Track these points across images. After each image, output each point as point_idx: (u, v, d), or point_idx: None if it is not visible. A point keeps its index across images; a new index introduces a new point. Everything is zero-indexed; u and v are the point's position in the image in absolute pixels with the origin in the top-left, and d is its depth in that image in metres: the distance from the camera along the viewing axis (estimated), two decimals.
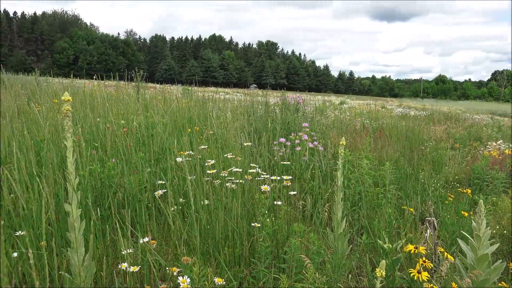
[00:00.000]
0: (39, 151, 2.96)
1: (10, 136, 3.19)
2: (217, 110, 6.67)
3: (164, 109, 5.58)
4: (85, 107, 5.02)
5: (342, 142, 2.43)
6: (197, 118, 5.23)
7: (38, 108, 4.81)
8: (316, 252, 2.20)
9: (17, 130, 3.37)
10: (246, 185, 2.74)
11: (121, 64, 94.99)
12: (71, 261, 1.75)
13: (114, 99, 6.40)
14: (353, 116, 10.47)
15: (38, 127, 3.46)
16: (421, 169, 4.65)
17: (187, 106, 6.17)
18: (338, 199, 2.47)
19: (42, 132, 3.26)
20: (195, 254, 2.09)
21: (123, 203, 2.72)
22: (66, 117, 1.69)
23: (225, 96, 12.93)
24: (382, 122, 9.40)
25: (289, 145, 4.31)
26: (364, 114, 11.95)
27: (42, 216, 1.67)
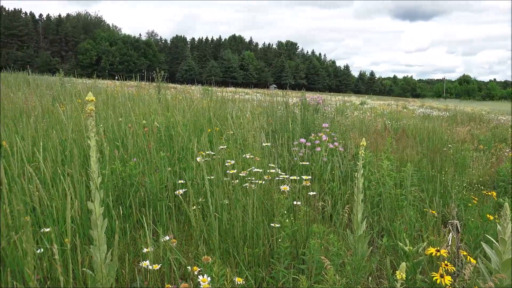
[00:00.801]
0: (63, 150, 3.02)
1: (35, 135, 3.27)
2: (236, 110, 6.69)
3: (185, 109, 5.63)
4: (107, 107, 5.11)
5: (362, 142, 2.41)
6: (217, 118, 5.25)
7: (63, 108, 4.92)
8: (336, 253, 2.18)
9: (41, 129, 3.46)
10: (265, 185, 2.74)
11: (143, 65, 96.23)
12: (94, 258, 1.78)
13: (135, 99, 6.50)
14: (374, 117, 10.35)
15: (62, 126, 3.54)
16: (443, 171, 4.56)
17: (207, 106, 6.21)
18: (358, 200, 2.44)
19: (66, 131, 3.33)
20: (215, 254, 2.10)
21: (144, 202, 2.76)
22: (90, 116, 1.71)
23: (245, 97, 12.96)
24: (403, 123, 9.27)
25: (308, 146, 4.29)
26: (385, 114, 11.80)
27: (66, 213, 1.71)
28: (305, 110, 6.26)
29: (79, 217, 2.20)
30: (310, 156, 4.19)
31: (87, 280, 1.79)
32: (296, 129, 5.19)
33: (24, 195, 2.11)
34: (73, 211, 2.14)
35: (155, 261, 1.92)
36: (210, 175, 2.97)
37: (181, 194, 2.83)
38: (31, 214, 2.11)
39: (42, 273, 1.81)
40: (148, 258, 1.84)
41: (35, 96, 6.00)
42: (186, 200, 2.94)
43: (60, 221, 2.12)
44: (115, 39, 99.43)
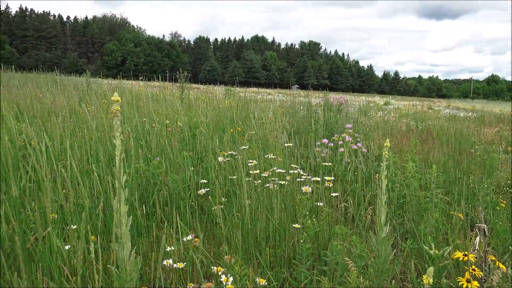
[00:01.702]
0: (89, 149, 3.09)
1: (62, 134, 3.35)
2: (259, 110, 6.70)
3: (207, 109, 5.67)
4: (132, 107, 5.19)
5: (386, 143, 2.37)
6: (239, 118, 5.27)
7: (89, 108, 5.03)
8: (359, 255, 2.16)
9: (68, 129, 3.54)
10: (287, 186, 2.73)
11: (166, 65, 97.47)
12: (118, 256, 1.82)
13: (159, 99, 6.58)
14: (398, 118, 10.19)
15: (89, 126, 3.61)
16: (470, 173, 4.45)
17: (229, 107, 6.24)
18: (382, 202, 2.40)
19: (91, 131, 3.40)
20: (237, 253, 2.11)
21: (167, 201, 2.79)
22: (115, 116, 1.74)
23: (267, 97, 12.97)
24: (428, 124, 9.09)
25: (331, 146, 4.26)
26: (410, 115, 11.60)
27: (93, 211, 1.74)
28: (328, 110, 6.22)
29: (105, 215, 2.25)
30: (332, 157, 4.15)
31: (112, 277, 1.83)
32: (319, 130, 5.15)
33: (52, 193, 2.16)
34: (98, 209, 2.18)
35: (178, 260, 1.94)
36: (233, 175, 2.99)
37: (203, 193, 2.85)
38: (59, 211, 2.16)
39: (69, 269, 1.85)
40: (172, 257, 1.86)
41: (62, 96, 6.15)
42: (209, 199, 2.96)
43: (86, 218, 2.16)
44: (139, 40, 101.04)
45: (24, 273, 1.55)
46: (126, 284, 1.76)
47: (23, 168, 2.37)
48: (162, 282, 1.86)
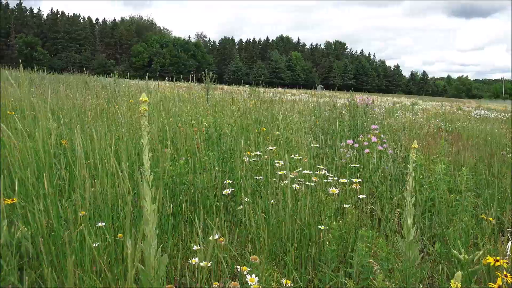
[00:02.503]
0: (117, 148, 3.15)
1: (92, 133, 3.43)
2: (283, 111, 6.69)
3: (232, 109, 5.70)
4: (158, 107, 5.27)
5: (414, 145, 2.33)
6: (264, 119, 5.28)
7: (117, 108, 5.13)
8: (385, 258, 2.13)
9: (96, 128, 3.63)
10: (313, 187, 2.72)
11: (192, 66, 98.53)
12: (145, 253, 1.85)
13: (185, 100, 6.66)
14: (426, 119, 9.99)
15: (118, 125, 3.69)
16: (502, 176, 4.32)
17: (254, 107, 6.25)
18: (409, 204, 2.36)
19: (120, 130, 3.47)
20: (262, 254, 2.11)
21: (193, 200, 2.82)
22: (143, 116, 1.77)
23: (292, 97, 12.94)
24: (458, 125, 8.87)
25: (357, 147, 4.21)
26: (438, 116, 11.35)
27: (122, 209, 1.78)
28: (353, 111, 6.15)
29: (133, 213, 2.29)
30: (358, 158, 4.10)
31: (139, 274, 1.86)
32: (344, 131, 5.11)
33: (82, 191, 2.22)
34: (126, 207, 2.23)
35: (203, 259, 1.96)
36: (258, 175, 2.99)
37: (228, 193, 2.87)
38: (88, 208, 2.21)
39: (98, 265, 1.89)
40: (198, 255, 1.88)
41: (92, 97, 6.31)
42: (234, 199, 2.97)
43: (114, 216, 2.21)
44: (165, 41, 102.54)
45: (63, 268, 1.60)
46: (152, 281, 1.79)
47: (55, 166, 2.45)
48: (188, 280, 1.88)
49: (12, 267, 1.66)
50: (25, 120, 3.39)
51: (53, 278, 1.61)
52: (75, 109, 5.06)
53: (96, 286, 1.73)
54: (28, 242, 1.86)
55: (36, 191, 2.18)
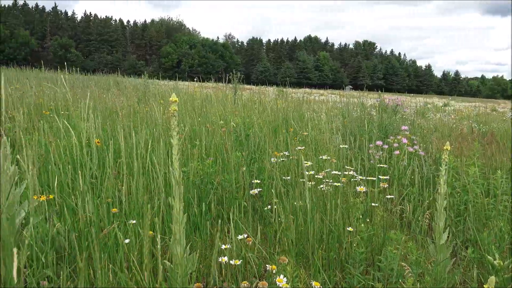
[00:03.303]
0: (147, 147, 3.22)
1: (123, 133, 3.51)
2: (311, 111, 6.65)
3: (260, 110, 5.71)
4: (187, 107, 5.34)
5: (446, 147, 2.27)
6: (292, 119, 5.27)
7: (146, 108, 5.23)
8: (415, 262, 2.09)
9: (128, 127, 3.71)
10: (341, 188, 2.70)
11: (220, 67, 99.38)
12: (174, 251, 1.88)
13: (213, 100, 6.72)
14: (458, 120, 9.72)
15: (148, 125, 3.77)
16: None
17: (281, 107, 6.25)
18: (441, 207, 2.31)
19: (151, 130, 3.54)
20: (289, 254, 2.11)
21: (220, 200, 2.85)
22: (173, 116, 1.80)
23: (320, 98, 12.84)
24: (492, 126, 8.58)
25: (386, 149, 4.14)
26: (471, 117, 11.02)
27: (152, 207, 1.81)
28: (382, 111, 6.05)
29: (162, 212, 2.33)
30: (387, 159, 4.04)
31: (168, 272, 1.89)
32: (373, 131, 5.03)
33: (114, 188, 2.28)
34: (156, 206, 2.27)
35: (231, 258, 1.97)
36: (286, 175, 2.99)
37: (256, 193, 2.88)
38: (119, 206, 2.27)
39: (127, 262, 1.94)
40: (226, 254, 1.89)
41: (123, 97, 6.46)
42: (261, 199, 2.98)
43: (145, 214, 2.26)
44: (194, 42, 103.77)
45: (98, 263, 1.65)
46: (180, 279, 1.82)
47: (87, 164, 2.52)
48: (217, 279, 1.90)
49: (49, 261, 1.72)
50: (60, 120, 3.50)
51: (87, 273, 1.66)
52: (107, 109, 5.19)
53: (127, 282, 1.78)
54: (63, 237, 1.92)
55: (71, 188, 2.25)
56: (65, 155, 2.63)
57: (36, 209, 1.90)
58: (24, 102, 5.18)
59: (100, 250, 1.86)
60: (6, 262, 1.61)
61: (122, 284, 1.74)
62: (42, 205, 1.99)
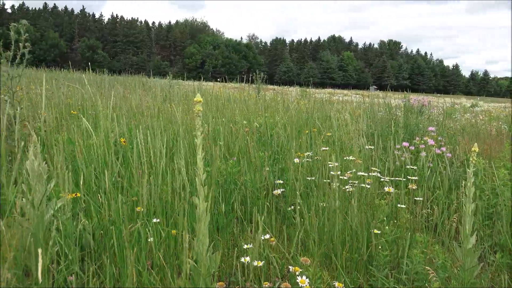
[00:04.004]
0: (172, 147, 3.26)
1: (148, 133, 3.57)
2: (335, 111, 6.59)
3: (283, 110, 5.70)
4: (211, 107, 5.38)
5: (474, 148, 2.21)
6: (315, 119, 5.23)
7: (171, 108, 5.29)
8: (441, 266, 2.04)
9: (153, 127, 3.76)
10: (365, 189, 2.66)
11: (243, 67, 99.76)
12: (197, 250, 1.89)
13: (236, 100, 6.75)
14: (487, 121, 9.45)
15: (173, 125, 3.81)
16: None
17: (304, 108, 6.22)
18: (468, 211, 2.25)
19: (175, 129, 3.58)
20: (312, 255, 2.10)
21: (243, 200, 2.85)
22: (197, 116, 1.81)
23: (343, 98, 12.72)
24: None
25: (412, 150, 4.07)
26: (501, 118, 10.70)
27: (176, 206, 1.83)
28: (408, 112, 5.94)
29: (185, 211, 2.35)
30: (413, 161, 3.96)
31: (191, 270, 1.91)
32: (399, 132, 4.95)
33: (139, 188, 2.31)
34: (180, 205, 2.29)
35: (254, 258, 1.98)
36: (309, 176, 2.98)
37: (279, 194, 2.88)
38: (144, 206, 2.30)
39: (151, 259, 1.97)
40: (249, 254, 1.90)
41: (148, 97, 6.55)
42: (284, 200, 2.97)
43: (168, 213, 2.29)
44: (218, 43, 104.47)
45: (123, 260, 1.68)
46: (203, 278, 1.83)
47: (114, 163, 2.57)
48: (239, 279, 1.91)
49: (75, 257, 1.76)
50: (87, 119, 3.58)
51: (112, 270, 1.69)
52: (132, 109, 5.28)
53: (151, 281, 1.80)
54: (89, 234, 1.96)
55: (97, 187, 2.30)
56: (91, 154, 2.69)
57: (63, 207, 1.94)
58: (53, 102, 5.32)
59: (124, 248, 1.89)
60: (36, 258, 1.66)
61: (146, 282, 1.76)
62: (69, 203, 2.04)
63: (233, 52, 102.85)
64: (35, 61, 37.07)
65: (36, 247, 1.68)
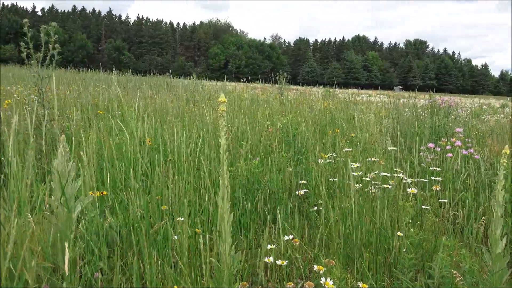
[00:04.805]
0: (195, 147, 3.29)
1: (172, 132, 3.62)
2: (359, 112, 6.52)
3: (306, 110, 5.68)
4: (234, 107, 5.41)
5: (505, 150, 2.15)
6: (339, 120, 5.19)
7: (195, 108, 5.35)
8: (468, 270, 1.99)
9: (177, 127, 3.81)
10: (390, 191, 2.63)
11: (266, 67, 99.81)
12: (220, 250, 1.91)
13: (259, 100, 6.76)
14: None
15: (197, 125, 3.84)
16: None
17: (328, 108, 6.18)
18: (497, 214, 2.19)
19: (200, 129, 3.62)
20: (335, 257, 2.08)
21: (266, 200, 2.86)
22: (221, 117, 1.82)
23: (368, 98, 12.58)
24: None
25: (438, 151, 3.99)
26: None
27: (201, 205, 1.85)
28: (434, 113, 5.82)
29: (208, 210, 2.37)
30: (439, 162, 3.88)
31: (214, 270, 1.93)
32: (424, 133, 4.86)
33: (163, 186, 2.35)
34: (204, 204, 2.32)
35: (277, 259, 1.98)
36: (333, 177, 2.95)
37: (302, 194, 2.87)
38: (168, 204, 2.34)
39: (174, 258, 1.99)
40: (272, 255, 1.90)
41: (173, 97, 6.64)
42: (307, 200, 2.96)
43: (192, 212, 2.31)
44: (241, 43, 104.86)
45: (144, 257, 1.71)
46: (226, 277, 1.85)
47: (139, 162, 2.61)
48: (263, 279, 1.91)
49: (102, 254, 1.80)
50: (113, 119, 3.66)
51: (137, 267, 1.72)
52: (157, 108, 5.36)
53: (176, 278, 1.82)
54: (115, 232, 2.00)
55: (123, 185, 2.34)
56: (118, 153, 2.75)
57: (91, 204, 1.99)
58: (81, 102, 5.45)
59: (150, 246, 1.92)
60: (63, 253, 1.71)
61: (170, 280, 1.79)
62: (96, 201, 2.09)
63: (256, 53, 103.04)
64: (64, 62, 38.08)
65: (63, 243, 1.73)
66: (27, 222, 1.67)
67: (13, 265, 1.48)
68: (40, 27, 3.32)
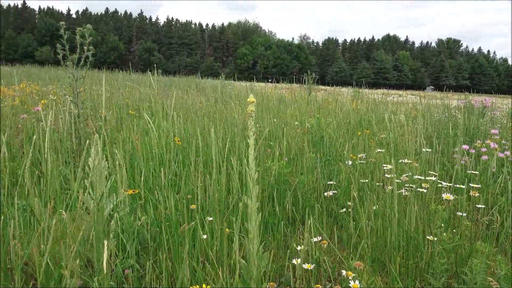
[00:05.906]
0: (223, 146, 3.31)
1: (202, 132, 3.66)
2: (389, 113, 6.41)
3: (336, 111, 5.62)
4: (262, 108, 5.41)
5: None
6: (368, 120, 5.11)
7: (224, 108, 5.38)
8: (504, 277, 1.92)
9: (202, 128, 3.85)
10: (422, 194, 2.56)
11: (294, 68, 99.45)
12: (248, 250, 1.91)
13: (287, 101, 6.74)
14: None
15: (226, 125, 3.87)
16: None
17: (357, 109, 6.09)
18: None
19: (229, 129, 3.64)
20: (365, 260, 2.05)
21: (294, 201, 2.84)
22: (250, 117, 1.83)
23: (398, 99, 12.34)
24: None
25: (473, 154, 3.86)
26: None
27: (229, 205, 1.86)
28: (468, 114, 5.65)
29: (237, 210, 2.38)
30: (474, 165, 3.76)
31: (241, 269, 1.93)
32: (458, 135, 4.72)
33: (192, 185, 2.37)
34: (233, 204, 2.33)
35: (305, 260, 1.96)
36: (363, 178, 2.91)
37: (330, 195, 2.84)
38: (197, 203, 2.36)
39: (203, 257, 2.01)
40: (300, 256, 1.89)
41: (202, 97, 6.71)
42: (336, 202, 2.93)
43: (221, 211, 2.32)
44: (270, 43, 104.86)
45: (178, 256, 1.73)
46: (253, 277, 1.85)
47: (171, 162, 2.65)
48: (291, 280, 1.90)
49: (133, 251, 1.84)
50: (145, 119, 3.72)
51: (167, 264, 1.75)
52: (187, 108, 5.43)
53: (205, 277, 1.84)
54: (146, 231, 2.04)
55: (154, 184, 2.38)
56: (149, 152, 2.79)
57: (122, 202, 2.03)
58: (113, 102, 5.58)
59: (179, 244, 1.95)
60: (98, 251, 1.75)
61: (199, 278, 1.80)
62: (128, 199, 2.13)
63: (284, 53, 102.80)
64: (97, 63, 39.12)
65: (97, 240, 1.77)
66: (62, 219, 1.72)
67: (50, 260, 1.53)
68: (75, 29, 3.42)
